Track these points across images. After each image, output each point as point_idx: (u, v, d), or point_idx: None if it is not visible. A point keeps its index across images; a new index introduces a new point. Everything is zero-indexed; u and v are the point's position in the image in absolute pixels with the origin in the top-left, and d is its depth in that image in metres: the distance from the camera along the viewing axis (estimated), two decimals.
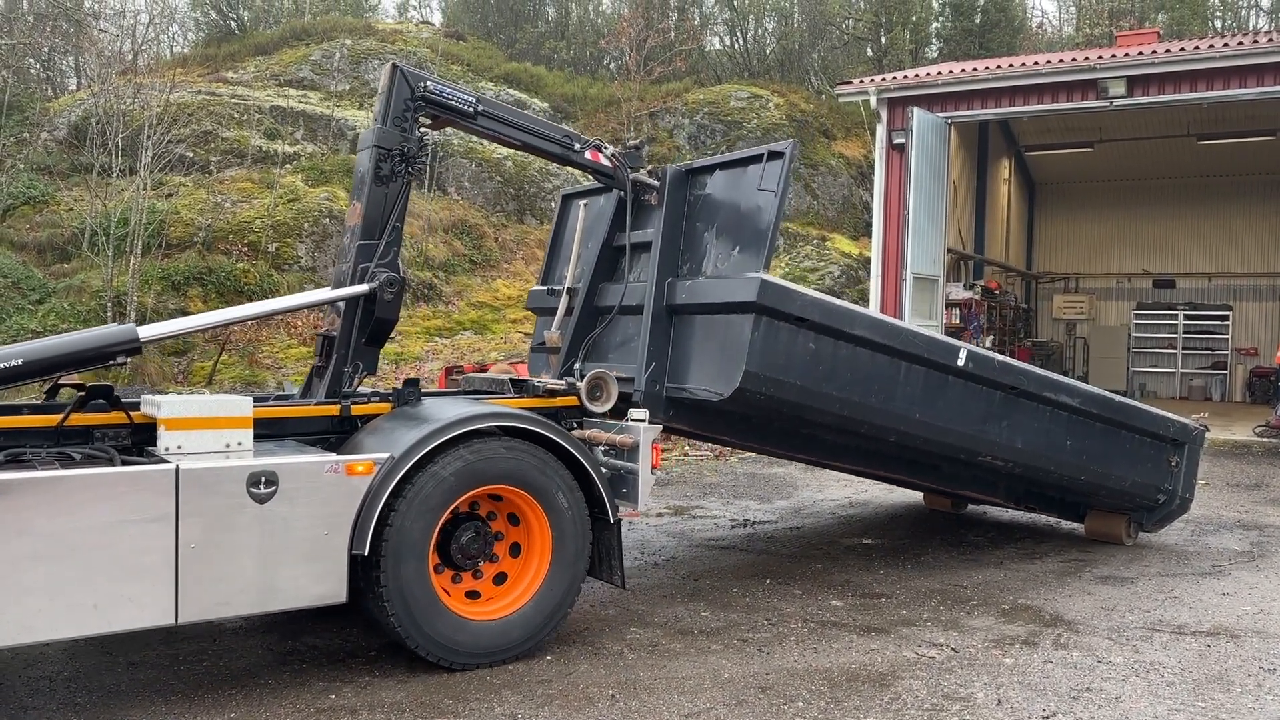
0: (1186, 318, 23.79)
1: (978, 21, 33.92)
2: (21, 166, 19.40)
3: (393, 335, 18.98)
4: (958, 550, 8.38)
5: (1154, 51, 15.77)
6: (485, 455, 5.14)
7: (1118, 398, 7.99)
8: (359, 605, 5.01)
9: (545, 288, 7.78)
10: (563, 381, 6.15)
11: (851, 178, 27.24)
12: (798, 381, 6.09)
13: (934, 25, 35.41)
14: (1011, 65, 17.24)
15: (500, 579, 5.41)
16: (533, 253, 21.77)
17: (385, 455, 4.88)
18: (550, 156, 6.56)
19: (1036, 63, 16.81)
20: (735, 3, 35.87)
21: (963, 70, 17.37)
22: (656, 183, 6.62)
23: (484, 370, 7.15)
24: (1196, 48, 15.50)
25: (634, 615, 6.27)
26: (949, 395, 6.80)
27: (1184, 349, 23.76)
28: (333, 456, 4.84)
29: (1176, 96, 15.42)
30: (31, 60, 24.96)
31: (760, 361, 5.88)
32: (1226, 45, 15.35)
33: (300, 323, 16.80)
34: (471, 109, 6.09)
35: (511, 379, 6.45)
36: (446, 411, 5.24)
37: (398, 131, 5.80)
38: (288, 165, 20.88)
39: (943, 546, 8.50)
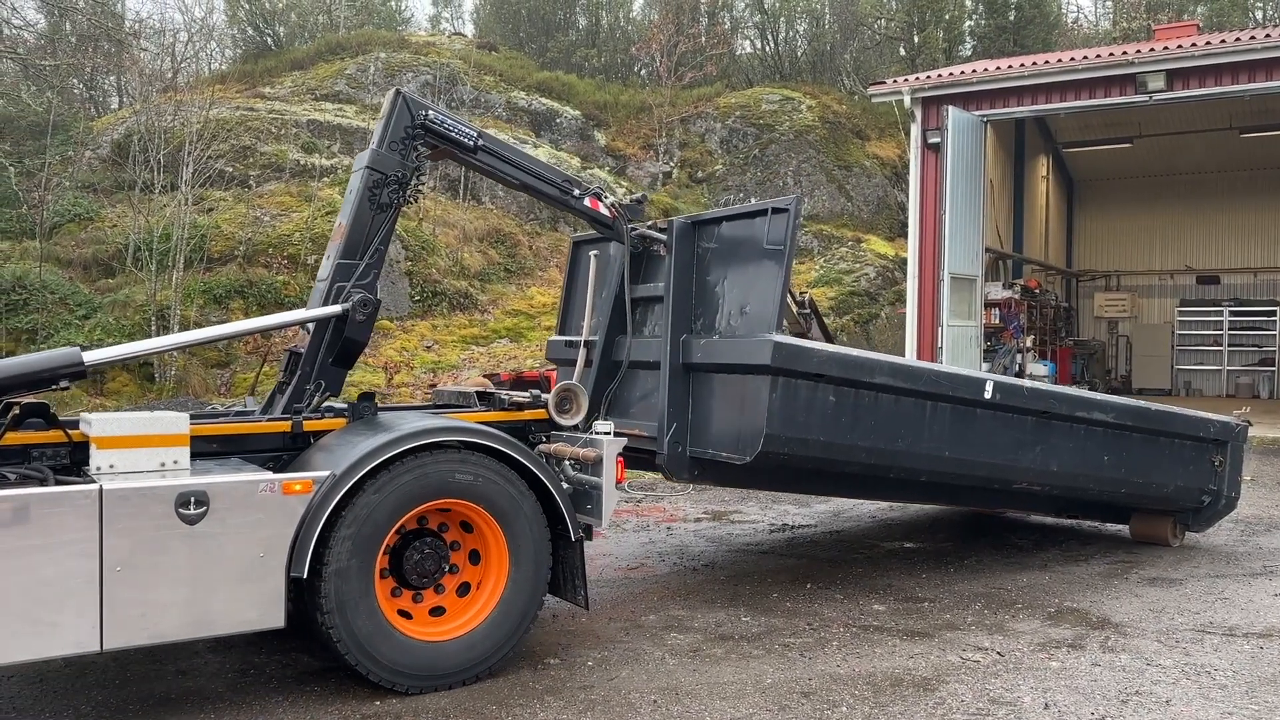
0: (1232, 314, 23.36)
1: (1012, 18, 33.59)
2: (67, 185, 19.80)
3: (430, 344, 18.78)
4: (1001, 553, 8.29)
5: (1193, 44, 15.53)
6: (434, 471, 4.94)
7: (1154, 405, 7.88)
8: (306, 628, 4.86)
9: (563, 339, 7.69)
10: (528, 394, 6.00)
11: (886, 178, 27.07)
12: (821, 437, 6.04)
13: (967, 23, 35.11)
14: (1048, 61, 17.05)
15: (457, 596, 5.21)
16: (566, 260, 21.83)
17: (325, 473, 4.70)
18: (548, 200, 6.44)
19: (1073, 58, 16.60)
20: (766, 6, 35.81)
21: (998, 68, 17.22)
22: (663, 236, 6.52)
23: (520, 378, 7.14)
24: (1237, 39, 15.24)
25: (674, 620, 6.27)
26: (978, 428, 6.73)
27: (1230, 346, 23.34)
28: (268, 475, 4.67)
29: (1217, 89, 15.17)
30: (75, 80, 25.47)
31: (781, 423, 5.82)
32: (1269, 36, 15.06)
33: None
34: (472, 143, 6.02)
35: (479, 392, 6.28)
36: (397, 427, 5.06)
37: (395, 157, 5.77)
38: (325, 178, 21.13)
39: (986, 549, 8.41)
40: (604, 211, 6.50)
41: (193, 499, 4.38)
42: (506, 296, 20.39)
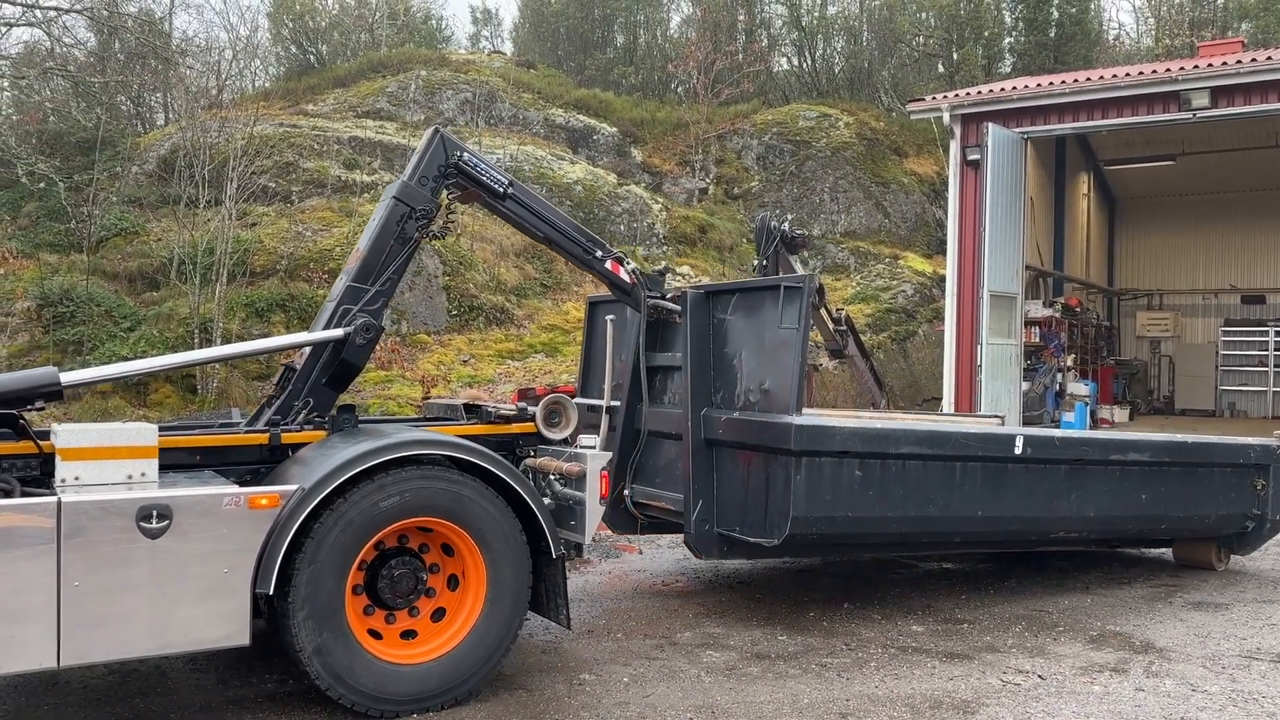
0: (1278, 334, 22.95)
1: (1052, 35, 33.32)
2: (114, 199, 20.19)
3: (466, 358, 18.78)
4: (1042, 575, 8.18)
5: (1238, 61, 15.33)
6: (407, 486, 4.78)
7: (1189, 438, 7.77)
8: (275, 646, 4.78)
9: (585, 403, 7.73)
10: (515, 406, 5.96)
11: (924, 195, 26.93)
12: (849, 513, 6.01)
13: (1007, 40, 34.86)
14: (1089, 78, 16.90)
15: (433, 618, 5.05)
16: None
17: (293, 487, 4.57)
18: (570, 256, 6.45)
19: (1115, 75, 16.44)
20: (803, 23, 35.81)
21: (1039, 85, 17.08)
22: (678, 307, 6.55)
23: (555, 391, 7.15)
24: None
25: (710, 638, 6.24)
26: (1011, 484, 6.66)
27: (1275, 367, 22.90)
28: (234, 489, 4.55)
29: (1263, 107, 14.95)
30: (123, 97, 26.00)
31: (806, 504, 5.80)
32: None
33: (379, 346, 17.10)
34: (502, 189, 6.05)
35: (465, 404, 6.24)
36: (376, 439, 4.92)
37: (424, 192, 5.84)
38: (366, 194, 21.37)
39: (1026, 571, 8.30)
40: (624, 277, 6.52)
41: (155, 512, 4.27)
42: (542, 312, 20.48)
